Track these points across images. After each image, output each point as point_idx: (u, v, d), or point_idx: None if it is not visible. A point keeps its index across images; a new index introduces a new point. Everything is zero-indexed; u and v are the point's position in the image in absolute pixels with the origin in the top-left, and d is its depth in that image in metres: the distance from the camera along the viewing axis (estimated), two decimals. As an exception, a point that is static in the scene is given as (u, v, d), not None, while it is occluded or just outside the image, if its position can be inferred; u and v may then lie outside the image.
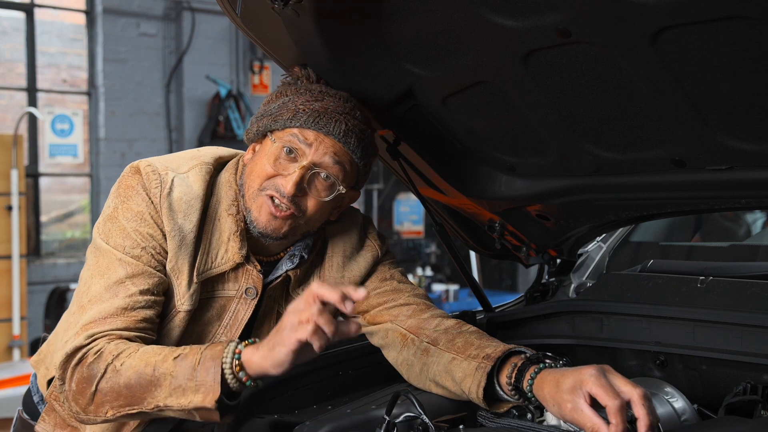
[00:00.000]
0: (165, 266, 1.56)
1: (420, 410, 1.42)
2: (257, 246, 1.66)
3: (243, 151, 1.73)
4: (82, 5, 7.34)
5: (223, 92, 7.56)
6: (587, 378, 1.34)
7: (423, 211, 7.27)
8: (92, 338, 1.47)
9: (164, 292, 1.57)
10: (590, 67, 1.50)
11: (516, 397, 1.51)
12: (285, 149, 1.57)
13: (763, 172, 1.59)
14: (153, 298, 1.53)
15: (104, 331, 1.47)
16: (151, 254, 1.54)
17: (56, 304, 6.59)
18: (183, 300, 1.58)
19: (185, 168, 1.61)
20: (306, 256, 1.70)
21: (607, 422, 1.29)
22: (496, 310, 2.27)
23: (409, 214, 9.15)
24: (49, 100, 7.31)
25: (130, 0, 7.34)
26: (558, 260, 2.36)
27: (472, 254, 4.60)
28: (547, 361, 1.50)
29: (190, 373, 1.37)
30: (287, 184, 1.55)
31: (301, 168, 1.55)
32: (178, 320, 1.59)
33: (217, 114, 7.55)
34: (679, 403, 1.63)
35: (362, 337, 1.88)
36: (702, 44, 1.33)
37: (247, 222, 1.61)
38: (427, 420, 1.42)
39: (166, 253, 1.56)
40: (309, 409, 1.73)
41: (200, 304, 1.61)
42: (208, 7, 7.46)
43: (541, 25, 1.42)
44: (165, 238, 1.55)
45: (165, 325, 1.58)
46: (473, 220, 2.24)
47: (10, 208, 5.74)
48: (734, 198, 1.76)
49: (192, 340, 1.62)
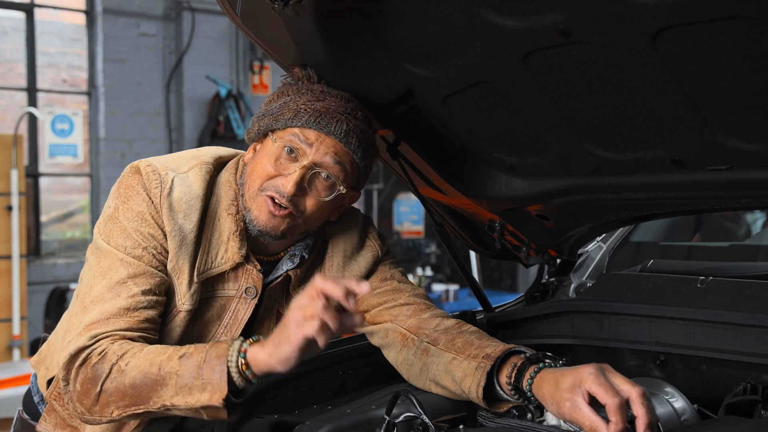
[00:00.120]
0: (166, 266, 1.56)
1: (420, 410, 1.42)
2: (257, 246, 1.66)
3: (243, 151, 1.73)
4: (82, 5, 7.34)
5: (223, 92, 7.56)
6: (586, 376, 1.34)
7: (423, 211, 7.26)
8: (96, 339, 1.47)
9: (166, 292, 1.57)
10: (590, 67, 1.50)
11: (516, 396, 1.51)
12: (286, 149, 1.57)
13: (763, 172, 1.59)
14: (155, 298, 1.53)
15: (107, 332, 1.47)
16: (153, 254, 1.54)
17: (56, 304, 6.59)
18: (184, 300, 1.58)
19: (185, 168, 1.61)
20: (306, 256, 1.71)
21: (606, 422, 1.29)
22: (496, 310, 2.27)
23: (409, 214, 9.15)
24: (49, 100, 7.31)
25: (130, 0, 7.34)
26: (558, 260, 2.36)
27: (472, 254, 4.60)
28: (547, 360, 1.50)
29: (196, 372, 1.37)
30: (288, 184, 1.55)
31: (301, 168, 1.55)
32: (179, 320, 1.59)
33: (217, 114, 7.55)
34: (679, 403, 1.63)
35: (362, 337, 1.88)
36: (702, 44, 1.33)
37: (247, 221, 1.61)
38: (427, 420, 1.42)
39: (167, 252, 1.56)
40: (309, 409, 1.73)
41: (200, 304, 1.61)
42: (208, 7, 7.46)
43: (541, 25, 1.42)
44: (166, 238, 1.56)
45: (166, 325, 1.58)
46: (473, 220, 2.24)
47: (10, 208, 5.74)
48: (734, 198, 1.76)
49: (192, 339, 1.62)
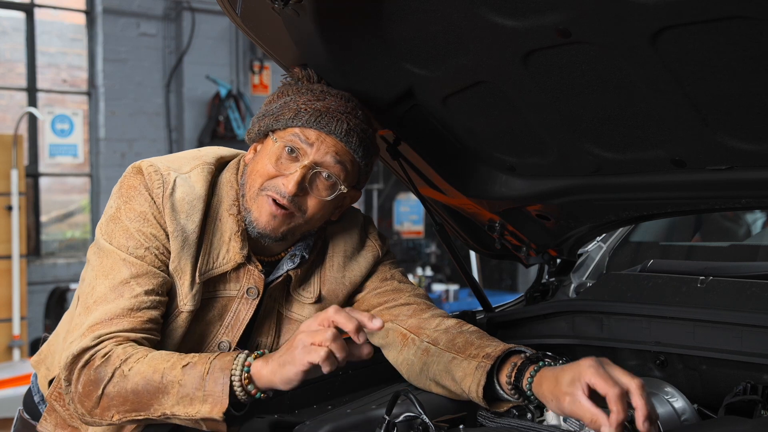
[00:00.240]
0: (168, 266, 1.56)
1: (420, 410, 1.42)
2: (258, 246, 1.66)
3: (244, 151, 1.73)
4: (82, 5, 7.34)
5: (223, 92, 7.56)
6: (585, 369, 1.34)
7: (423, 211, 7.27)
8: (99, 339, 1.46)
9: (167, 293, 1.57)
10: (590, 67, 1.50)
11: (516, 396, 1.51)
12: (287, 149, 1.57)
13: (763, 172, 1.59)
14: (158, 298, 1.53)
15: (111, 333, 1.47)
16: (155, 254, 1.54)
17: (56, 304, 6.59)
18: (186, 300, 1.58)
19: (187, 168, 1.61)
20: (307, 256, 1.70)
21: (607, 414, 1.29)
22: (496, 310, 2.27)
23: (409, 214, 9.15)
24: (49, 100, 7.31)
25: (130, 0, 7.34)
26: (558, 260, 2.36)
27: (472, 254, 4.60)
28: (547, 360, 1.51)
29: (199, 383, 1.37)
30: (288, 184, 1.55)
31: (302, 167, 1.55)
32: (181, 320, 1.59)
33: (217, 114, 7.55)
34: (679, 403, 1.63)
35: (362, 337, 1.88)
36: (702, 44, 1.33)
37: (247, 222, 1.61)
38: (427, 420, 1.42)
39: (169, 253, 1.56)
40: (309, 409, 1.73)
41: (202, 304, 1.61)
42: (208, 7, 7.46)
43: (541, 25, 1.42)
44: (168, 238, 1.55)
45: (168, 325, 1.58)
46: (473, 220, 2.24)
47: (10, 208, 5.74)
48: (734, 198, 1.76)
49: (194, 339, 1.62)
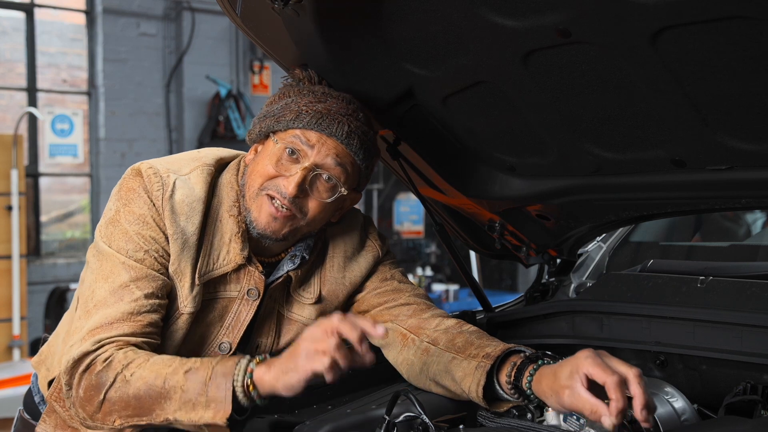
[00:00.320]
0: (168, 269, 1.56)
1: (420, 410, 1.42)
2: (258, 247, 1.66)
3: (244, 152, 1.72)
4: (82, 5, 7.34)
5: (223, 92, 7.56)
6: (583, 361, 1.34)
7: (423, 211, 7.27)
8: (100, 344, 1.46)
9: (167, 295, 1.57)
10: (590, 67, 1.50)
11: (515, 395, 1.51)
12: (287, 150, 1.57)
13: (763, 172, 1.59)
14: (157, 301, 1.53)
15: (111, 337, 1.47)
16: (154, 257, 1.54)
17: (56, 304, 6.59)
18: (186, 302, 1.57)
19: (187, 170, 1.61)
20: (307, 257, 1.70)
21: (606, 405, 1.29)
22: (496, 310, 2.27)
23: (409, 214, 9.15)
24: (49, 100, 7.31)
25: (130, 0, 7.34)
26: (558, 260, 2.36)
27: (472, 254, 4.60)
28: (546, 359, 1.51)
29: (201, 388, 1.37)
30: (289, 185, 1.55)
31: (303, 169, 1.55)
32: (181, 322, 1.58)
33: (217, 114, 7.55)
34: (679, 403, 1.63)
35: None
36: (702, 44, 1.33)
37: (247, 222, 1.61)
38: (427, 420, 1.42)
39: (169, 255, 1.56)
40: (309, 409, 1.73)
41: (202, 306, 1.61)
42: (208, 7, 7.46)
43: (541, 25, 1.42)
44: (167, 240, 1.55)
45: (168, 327, 1.58)
46: (473, 220, 2.24)
47: (10, 208, 5.73)
48: (734, 198, 1.76)
49: (194, 341, 1.62)
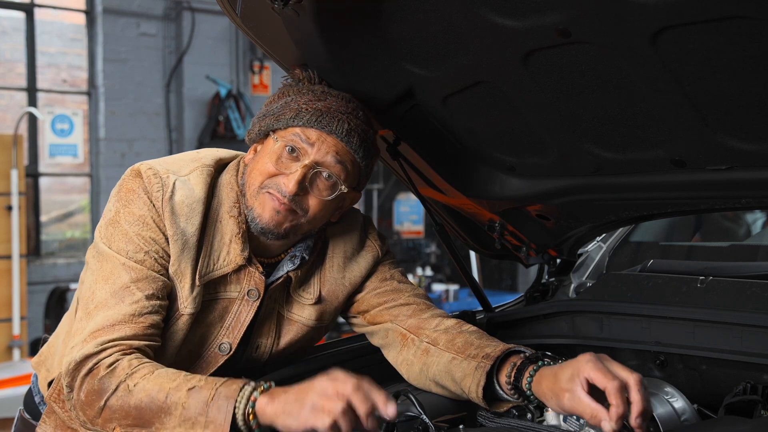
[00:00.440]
0: (168, 270, 1.56)
1: (420, 410, 1.42)
2: (258, 247, 1.66)
3: (243, 153, 1.72)
4: (82, 5, 7.34)
5: (223, 92, 7.56)
6: (584, 365, 1.34)
7: (423, 211, 7.26)
8: (102, 347, 1.45)
9: (168, 296, 1.56)
10: (590, 67, 1.50)
11: (515, 396, 1.52)
12: (287, 148, 1.57)
13: (763, 172, 1.59)
14: (158, 302, 1.53)
15: (114, 339, 1.46)
16: (155, 258, 1.54)
17: (56, 304, 6.59)
18: (186, 303, 1.57)
19: (186, 171, 1.61)
20: (307, 257, 1.70)
21: (607, 409, 1.29)
22: (496, 310, 2.27)
23: (409, 214, 9.15)
24: (49, 100, 7.31)
25: (130, 0, 7.34)
26: (558, 260, 2.36)
27: (472, 254, 4.60)
28: (546, 359, 1.51)
29: (202, 408, 1.36)
30: (289, 183, 1.55)
31: (303, 167, 1.55)
32: (182, 323, 1.58)
33: (217, 114, 7.55)
34: (679, 403, 1.63)
35: (362, 337, 1.88)
36: (702, 44, 1.33)
37: (249, 220, 1.61)
38: (427, 420, 1.42)
39: (169, 256, 1.55)
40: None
41: (203, 306, 1.60)
42: (208, 7, 7.46)
43: (541, 25, 1.42)
44: (167, 241, 1.55)
45: (168, 328, 1.58)
46: (473, 220, 2.24)
47: (10, 208, 5.74)
48: (734, 198, 1.76)
49: (194, 341, 1.62)
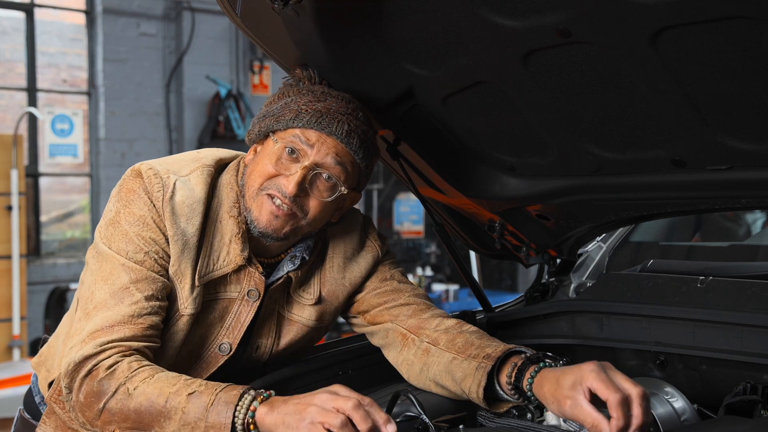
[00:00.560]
0: (168, 270, 1.56)
1: (420, 410, 1.42)
2: (258, 247, 1.66)
3: (243, 153, 1.72)
4: (82, 5, 7.34)
5: (223, 92, 7.56)
6: (587, 373, 1.34)
7: (423, 211, 7.27)
8: (101, 348, 1.45)
9: (167, 297, 1.56)
10: (590, 67, 1.50)
11: (516, 396, 1.51)
12: (287, 149, 1.57)
13: (763, 172, 1.59)
14: (158, 303, 1.53)
15: (113, 341, 1.46)
16: (154, 259, 1.54)
17: (56, 304, 6.59)
18: (186, 304, 1.57)
19: (186, 171, 1.61)
20: (307, 257, 1.70)
21: (608, 419, 1.29)
22: (496, 310, 2.27)
23: (409, 214, 9.15)
24: (49, 100, 7.31)
25: (130, 0, 7.34)
26: (558, 260, 2.36)
27: (472, 254, 4.60)
28: (547, 360, 1.51)
29: (202, 413, 1.36)
30: (289, 184, 1.55)
31: (303, 168, 1.55)
32: (182, 324, 1.58)
33: (217, 114, 7.55)
34: (679, 403, 1.63)
35: (362, 337, 1.88)
36: (702, 44, 1.33)
37: (248, 222, 1.61)
38: (427, 420, 1.42)
39: (169, 257, 1.55)
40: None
41: (203, 307, 1.60)
42: (208, 7, 7.46)
43: (541, 25, 1.42)
44: (168, 242, 1.55)
45: (169, 328, 1.57)
46: (473, 220, 2.24)
47: (10, 208, 5.74)
48: (734, 198, 1.76)
49: (194, 342, 1.62)
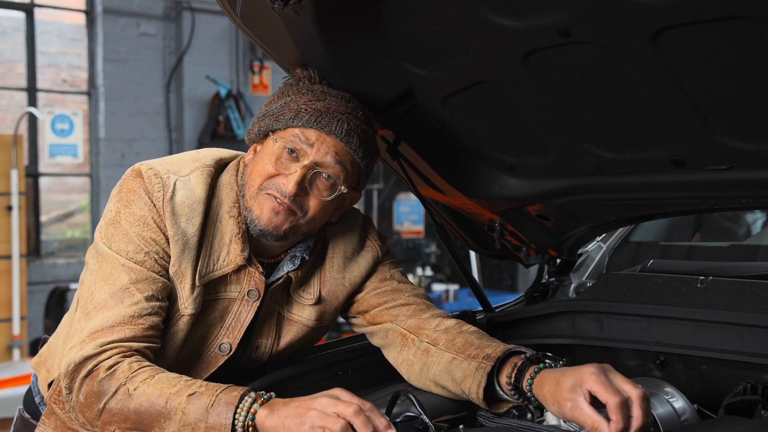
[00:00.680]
0: (168, 270, 1.56)
1: (420, 410, 1.42)
2: (258, 248, 1.66)
3: (243, 153, 1.72)
4: (82, 5, 7.34)
5: (223, 92, 7.56)
6: (587, 376, 1.34)
7: (423, 211, 7.27)
8: (102, 349, 1.45)
9: (168, 297, 1.56)
10: (590, 67, 1.50)
11: (516, 397, 1.52)
12: (287, 149, 1.57)
13: (763, 172, 1.59)
14: (158, 304, 1.53)
15: (113, 341, 1.46)
16: (155, 259, 1.54)
17: (56, 304, 6.60)
18: (187, 304, 1.57)
19: (187, 171, 1.61)
20: (307, 257, 1.70)
21: (607, 421, 1.29)
22: (496, 310, 2.27)
23: (409, 214, 9.15)
24: (49, 100, 7.31)
25: (130, 0, 7.34)
26: (558, 260, 2.36)
27: (472, 254, 4.60)
28: (547, 361, 1.51)
29: (202, 414, 1.36)
30: (288, 184, 1.55)
31: (302, 167, 1.55)
32: (182, 324, 1.58)
33: (217, 114, 7.55)
34: (679, 403, 1.63)
35: (362, 337, 1.88)
36: (702, 44, 1.33)
37: (248, 222, 1.60)
38: (427, 420, 1.42)
39: (169, 257, 1.55)
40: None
41: (203, 307, 1.60)
42: (208, 7, 7.46)
43: (541, 25, 1.42)
44: (168, 242, 1.55)
45: (169, 329, 1.57)
46: (473, 220, 2.24)
47: (10, 208, 5.74)
48: (734, 198, 1.76)
49: (195, 342, 1.62)
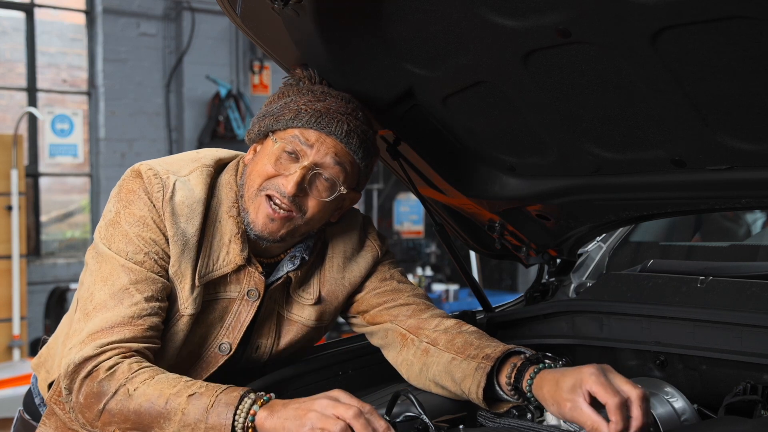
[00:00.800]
0: (167, 271, 1.56)
1: (420, 410, 1.42)
2: (258, 247, 1.66)
3: (243, 153, 1.72)
4: (82, 5, 7.34)
5: (223, 92, 7.56)
6: (587, 377, 1.34)
7: (423, 211, 7.27)
8: (102, 349, 1.45)
9: (167, 297, 1.56)
10: (590, 67, 1.50)
11: (515, 397, 1.52)
12: (286, 149, 1.57)
13: (763, 172, 1.59)
14: (158, 304, 1.53)
15: (113, 342, 1.46)
16: (154, 259, 1.54)
17: (56, 304, 6.60)
18: (186, 304, 1.57)
19: (186, 171, 1.61)
20: (307, 257, 1.70)
21: (607, 421, 1.30)
22: (496, 310, 2.27)
23: (409, 214, 9.15)
24: (49, 100, 7.31)
25: (130, 0, 7.34)
26: (558, 260, 2.36)
27: (472, 254, 4.60)
28: (547, 361, 1.51)
29: (202, 414, 1.36)
30: (288, 184, 1.55)
31: (302, 168, 1.55)
32: (182, 324, 1.58)
33: (217, 114, 7.55)
34: (679, 403, 1.63)
35: (362, 337, 1.88)
36: (702, 44, 1.33)
37: (245, 223, 1.61)
38: (427, 420, 1.42)
39: (169, 257, 1.55)
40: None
41: (203, 307, 1.60)
42: (208, 7, 7.46)
43: (541, 25, 1.42)
44: (167, 242, 1.55)
45: (169, 329, 1.57)
46: (473, 220, 2.24)
47: (10, 208, 5.74)
48: (734, 198, 1.76)
49: (195, 342, 1.62)
